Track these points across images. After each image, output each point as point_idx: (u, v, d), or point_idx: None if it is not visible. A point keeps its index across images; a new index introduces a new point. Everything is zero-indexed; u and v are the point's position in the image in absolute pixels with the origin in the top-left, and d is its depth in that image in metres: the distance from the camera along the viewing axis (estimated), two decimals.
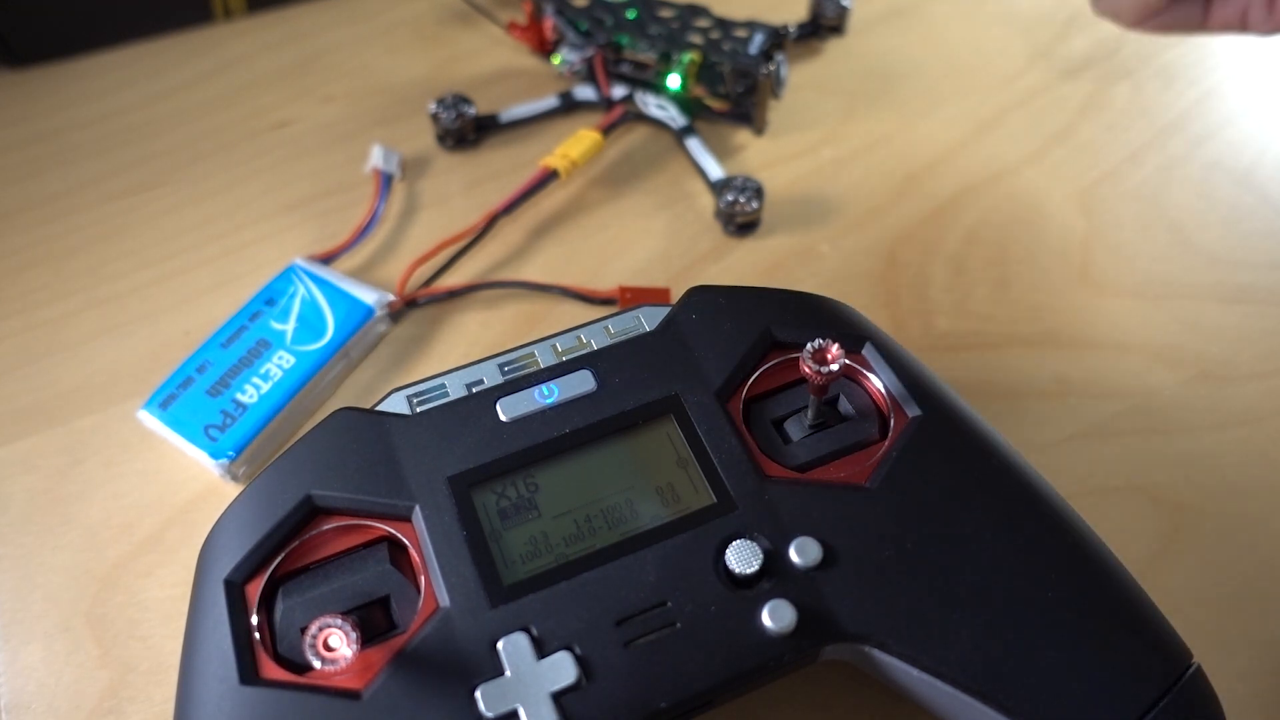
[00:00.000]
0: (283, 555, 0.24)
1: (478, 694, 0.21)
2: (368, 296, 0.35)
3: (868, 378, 0.27)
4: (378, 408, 0.26)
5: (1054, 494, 0.25)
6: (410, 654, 0.22)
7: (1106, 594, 0.24)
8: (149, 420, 0.32)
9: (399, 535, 0.24)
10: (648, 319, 0.28)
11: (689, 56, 0.40)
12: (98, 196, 0.40)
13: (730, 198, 0.38)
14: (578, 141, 0.39)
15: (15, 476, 0.32)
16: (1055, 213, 0.39)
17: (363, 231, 0.38)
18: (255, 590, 0.23)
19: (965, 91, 0.44)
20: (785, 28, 0.42)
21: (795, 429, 0.26)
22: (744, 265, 0.38)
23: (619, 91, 0.42)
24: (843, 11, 0.45)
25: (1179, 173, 0.41)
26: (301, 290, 0.35)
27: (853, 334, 0.27)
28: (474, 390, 0.26)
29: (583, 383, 0.26)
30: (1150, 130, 0.42)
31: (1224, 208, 0.39)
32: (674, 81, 0.41)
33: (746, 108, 0.42)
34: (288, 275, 0.35)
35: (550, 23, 0.43)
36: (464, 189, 0.40)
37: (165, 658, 0.28)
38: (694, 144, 0.40)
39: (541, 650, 0.22)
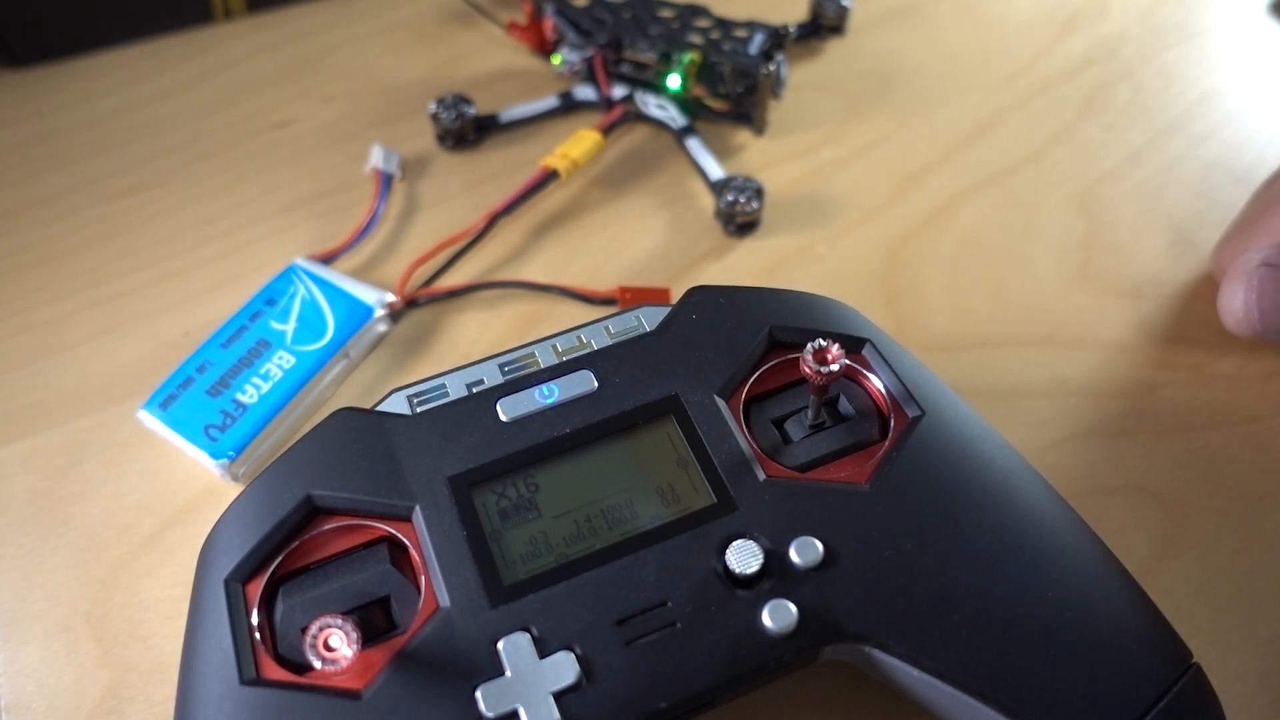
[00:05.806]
0: (283, 555, 0.24)
1: (478, 694, 0.21)
2: (368, 296, 0.35)
3: (868, 378, 0.27)
4: (378, 408, 0.26)
5: (1054, 494, 0.25)
6: (410, 654, 0.22)
7: (1106, 594, 0.24)
8: (149, 420, 0.32)
9: (399, 535, 0.24)
10: (648, 319, 0.28)
11: (689, 56, 0.40)
12: (98, 196, 0.40)
13: (730, 198, 0.38)
14: (578, 141, 0.39)
15: (15, 476, 0.32)
16: (1055, 213, 0.39)
17: (363, 231, 0.38)
18: (255, 590, 0.23)
19: (965, 91, 0.44)
20: (785, 28, 0.42)
21: (795, 429, 0.26)
22: (744, 265, 0.38)
23: (619, 91, 0.42)
24: (843, 11, 0.45)
25: (1179, 173, 0.41)
26: (301, 290, 0.35)
27: (853, 334, 0.27)
28: (474, 390, 0.26)
29: (583, 383, 0.26)
30: (1150, 130, 0.42)
31: (1224, 208, 0.39)
32: (674, 81, 0.41)
33: (746, 108, 0.42)
34: (288, 275, 0.35)
35: (550, 23, 0.43)
36: (464, 189, 0.40)
37: (165, 658, 0.28)
38: (694, 144, 0.40)
39: (542, 650, 0.22)
